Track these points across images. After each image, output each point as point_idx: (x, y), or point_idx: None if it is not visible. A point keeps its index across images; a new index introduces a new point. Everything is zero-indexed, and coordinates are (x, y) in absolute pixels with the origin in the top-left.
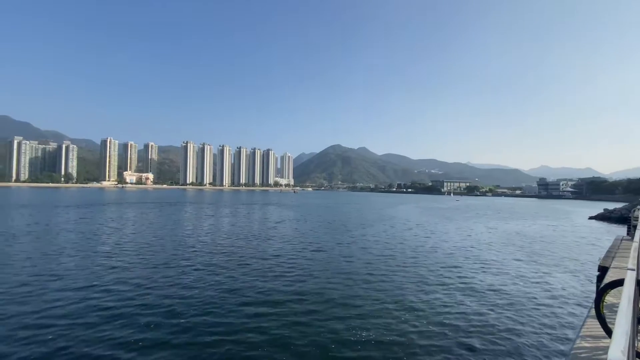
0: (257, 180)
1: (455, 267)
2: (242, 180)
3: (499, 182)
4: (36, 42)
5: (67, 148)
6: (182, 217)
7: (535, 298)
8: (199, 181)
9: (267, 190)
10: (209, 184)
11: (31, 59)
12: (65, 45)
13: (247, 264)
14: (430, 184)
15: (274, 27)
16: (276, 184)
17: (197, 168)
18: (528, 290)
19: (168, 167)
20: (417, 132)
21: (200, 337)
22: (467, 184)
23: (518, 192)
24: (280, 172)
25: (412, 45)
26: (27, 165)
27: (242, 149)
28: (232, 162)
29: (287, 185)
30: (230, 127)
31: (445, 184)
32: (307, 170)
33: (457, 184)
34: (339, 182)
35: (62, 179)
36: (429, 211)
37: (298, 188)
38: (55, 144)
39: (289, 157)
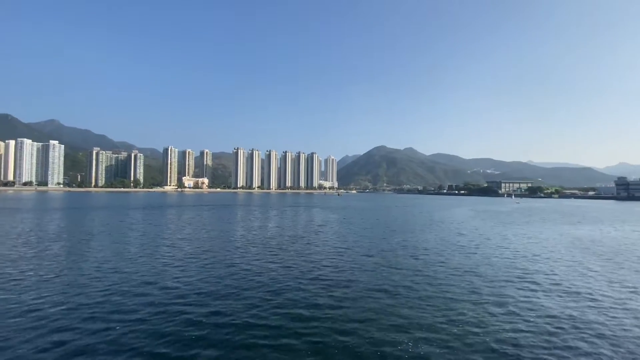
0: (302, 183)
1: (516, 280)
2: (288, 183)
3: (567, 182)
4: (110, 65)
5: (135, 157)
6: (234, 218)
7: (626, 329)
8: (249, 184)
9: (311, 193)
10: (258, 187)
11: (110, 81)
12: (136, 66)
13: (291, 267)
14: (485, 185)
15: (315, 33)
16: (320, 187)
17: (246, 172)
18: (615, 318)
19: (221, 172)
20: (469, 130)
21: (239, 337)
22: (529, 185)
23: (591, 193)
24: (324, 175)
25: (474, 42)
26: (103, 172)
27: (287, 154)
28: (279, 166)
29: (331, 187)
30: (277, 132)
31: (502, 184)
32: (351, 172)
33: (516, 185)
34: (385, 184)
35: (132, 184)
36: (485, 215)
37: (342, 190)
38: (126, 153)
39: (332, 159)
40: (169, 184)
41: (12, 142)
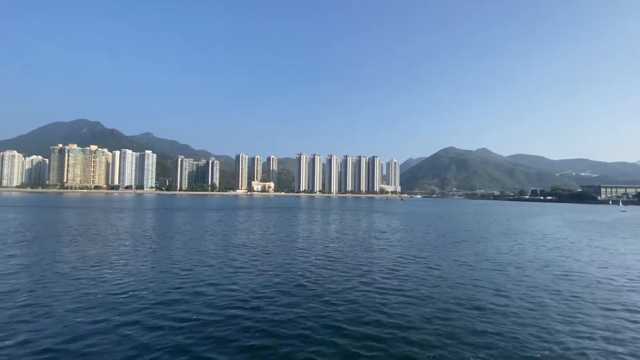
0: (363, 187)
1: (623, 310)
2: (349, 187)
3: None
4: (189, 80)
5: (212, 163)
6: (297, 221)
7: None
8: (310, 189)
9: (372, 197)
10: (319, 191)
11: (190, 96)
12: (210, 82)
13: (349, 275)
14: (579, 189)
15: (377, 34)
16: (382, 191)
17: (308, 177)
18: None
19: (285, 177)
20: (557, 126)
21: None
22: (638, 190)
23: None
24: (385, 179)
25: (566, 35)
26: (186, 177)
27: (348, 158)
28: (339, 170)
29: (394, 192)
30: (338, 136)
31: (602, 189)
32: (416, 176)
33: (621, 190)
34: (454, 189)
35: (209, 187)
36: (579, 225)
37: (405, 195)
38: (205, 160)
39: (394, 163)
40: (240, 187)
41: (117, 153)
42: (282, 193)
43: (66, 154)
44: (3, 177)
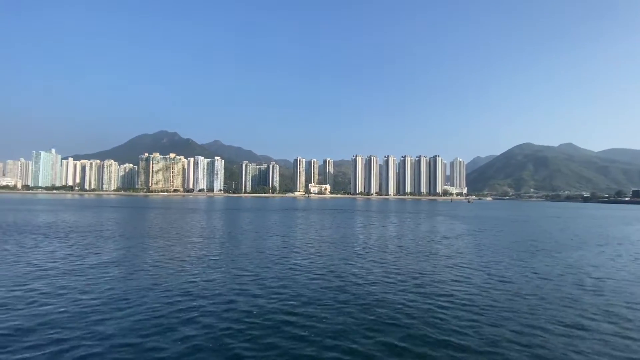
0: (424, 188)
1: None
2: (408, 189)
3: None
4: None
5: (272, 167)
6: (354, 223)
7: None
8: (367, 191)
9: (434, 200)
10: (376, 193)
11: (251, 103)
12: (268, 89)
13: (405, 285)
14: None
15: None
16: (445, 193)
17: (364, 178)
18: None
19: (341, 179)
20: None
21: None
22: None
23: None
24: (449, 180)
25: None
26: (250, 180)
27: (406, 158)
28: (397, 171)
29: (459, 193)
30: (395, 136)
31: None
32: (485, 176)
33: None
34: (531, 190)
35: (270, 190)
36: None
37: (473, 197)
38: (266, 164)
39: (459, 162)
40: (298, 190)
41: (192, 160)
42: (338, 195)
43: (151, 162)
44: (104, 182)
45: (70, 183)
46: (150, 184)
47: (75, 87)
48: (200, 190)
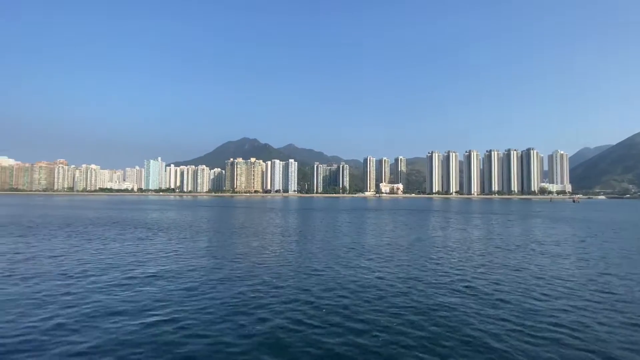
0: (515, 186)
1: None
2: (494, 187)
3: None
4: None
5: (343, 168)
6: (429, 224)
7: None
8: (445, 190)
9: (528, 199)
10: (456, 192)
11: (319, 107)
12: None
13: (492, 298)
14: None
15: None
16: (543, 191)
17: (442, 177)
18: None
19: (415, 178)
20: None
21: None
22: None
23: None
24: (547, 176)
25: None
26: (321, 181)
27: (492, 152)
28: (481, 167)
29: (561, 192)
30: (475, 130)
31: None
32: (596, 170)
33: None
34: None
35: (340, 190)
36: None
37: (579, 196)
38: (336, 165)
39: (561, 155)
40: (368, 189)
41: (269, 163)
42: (412, 195)
43: (235, 166)
44: (198, 185)
45: (172, 186)
46: (235, 186)
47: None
48: (276, 191)
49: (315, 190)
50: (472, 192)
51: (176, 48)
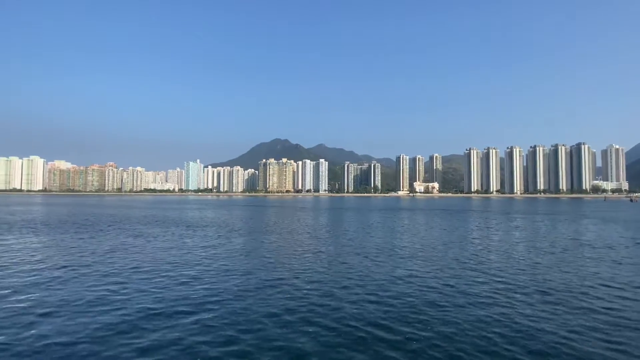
0: (563, 184)
1: None
2: (540, 185)
3: None
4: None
5: (374, 167)
6: (466, 225)
7: None
8: (485, 188)
9: (579, 198)
10: (496, 191)
11: (349, 106)
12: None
13: (545, 314)
14: None
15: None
16: (596, 189)
17: (481, 175)
18: None
19: (452, 176)
20: None
21: None
22: None
23: None
24: (600, 173)
25: None
26: (352, 180)
27: (537, 148)
28: (524, 164)
29: (616, 190)
30: (519, 124)
31: None
32: None
33: None
34: None
35: (372, 189)
36: None
37: (637, 194)
38: (367, 164)
39: (616, 149)
40: (401, 189)
41: (300, 163)
42: (449, 194)
43: (268, 167)
44: (233, 185)
45: (210, 186)
46: (267, 186)
47: (213, 107)
48: (307, 191)
49: (346, 190)
50: (515, 191)
51: (211, 57)
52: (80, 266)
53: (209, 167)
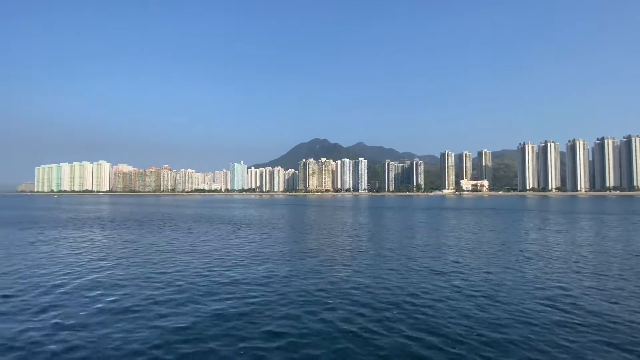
0: (638, 181)
1: None
2: (609, 182)
3: None
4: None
5: (416, 164)
6: (521, 226)
7: None
8: (542, 186)
9: None
10: (555, 189)
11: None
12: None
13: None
14: None
15: None
16: None
17: (537, 171)
18: None
19: (504, 173)
20: None
21: None
22: None
23: None
24: None
25: None
26: (392, 179)
27: (605, 140)
28: (590, 159)
29: None
30: (582, 115)
31: None
32: None
33: None
34: None
35: (414, 188)
36: None
37: None
38: (409, 162)
39: None
40: (447, 187)
41: (339, 162)
42: (500, 192)
43: (307, 167)
44: (274, 185)
45: (253, 186)
46: (307, 185)
47: (255, 109)
48: (347, 190)
49: (386, 189)
50: (579, 189)
51: (254, 61)
52: (152, 256)
53: (252, 167)
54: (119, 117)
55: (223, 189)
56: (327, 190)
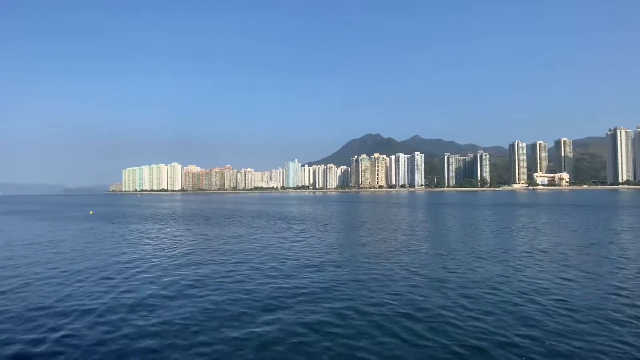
0: None
1: None
2: None
3: None
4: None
5: (480, 157)
6: (614, 225)
7: None
8: (639, 179)
9: None
10: None
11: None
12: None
13: None
14: None
15: None
16: None
17: (633, 161)
18: None
19: (588, 164)
20: None
21: None
22: None
23: None
24: None
25: None
26: (453, 174)
27: None
28: None
29: None
30: None
31: None
32: None
33: None
34: None
35: (479, 183)
36: None
37: None
38: (472, 154)
39: None
40: (517, 181)
41: (393, 157)
42: (584, 186)
43: (360, 163)
44: (327, 182)
45: (306, 183)
46: (360, 182)
47: (312, 111)
48: (402, 186)
49: (446, 184)
50: None
51: (303, 62)
52: (219, 248)
53: (306, 165)
54: (192, 122)
55: (279, 187)
56: (380, 187)
